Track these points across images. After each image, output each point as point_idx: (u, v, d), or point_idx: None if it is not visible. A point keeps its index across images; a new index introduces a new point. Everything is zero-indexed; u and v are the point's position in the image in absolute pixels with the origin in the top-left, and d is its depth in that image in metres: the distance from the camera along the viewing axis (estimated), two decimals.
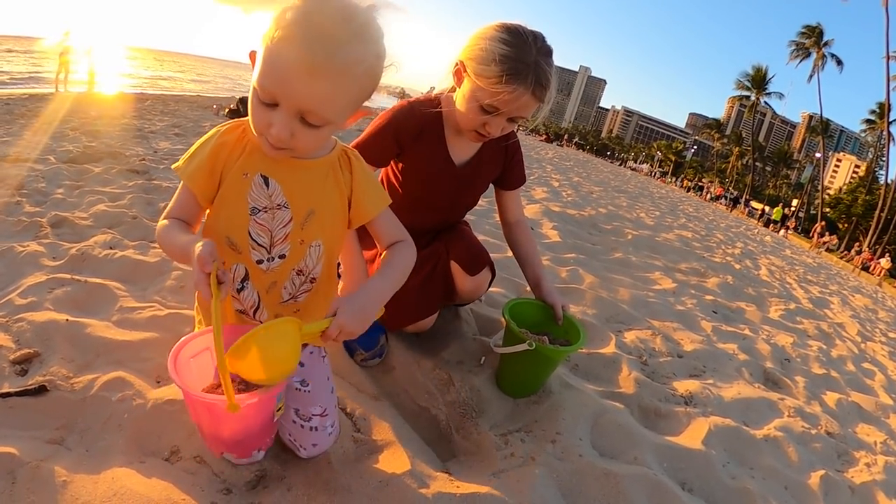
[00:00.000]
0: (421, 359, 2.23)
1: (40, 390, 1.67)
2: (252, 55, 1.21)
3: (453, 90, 2.05)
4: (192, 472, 1.48)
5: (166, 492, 1.38)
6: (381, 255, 1.52)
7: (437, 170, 2.18)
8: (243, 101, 11.59)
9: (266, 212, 1.37)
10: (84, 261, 2.66)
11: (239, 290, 1.43)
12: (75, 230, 3.16)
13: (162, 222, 1.33)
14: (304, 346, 1.55)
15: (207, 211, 1.42)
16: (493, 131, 1.97)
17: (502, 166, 2.34)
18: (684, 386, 2.70)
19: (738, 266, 7.59)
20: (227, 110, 11.53)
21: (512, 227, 2.42)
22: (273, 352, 1.20)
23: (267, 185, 1.36)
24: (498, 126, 1.95)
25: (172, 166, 1.40)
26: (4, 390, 1.66)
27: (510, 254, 2.50)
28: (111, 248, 2.83)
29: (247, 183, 1.35)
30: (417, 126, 2.08)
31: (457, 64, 1.95)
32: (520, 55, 1.82)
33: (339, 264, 1.79)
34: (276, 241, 1.40)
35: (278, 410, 1.46)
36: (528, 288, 2.38)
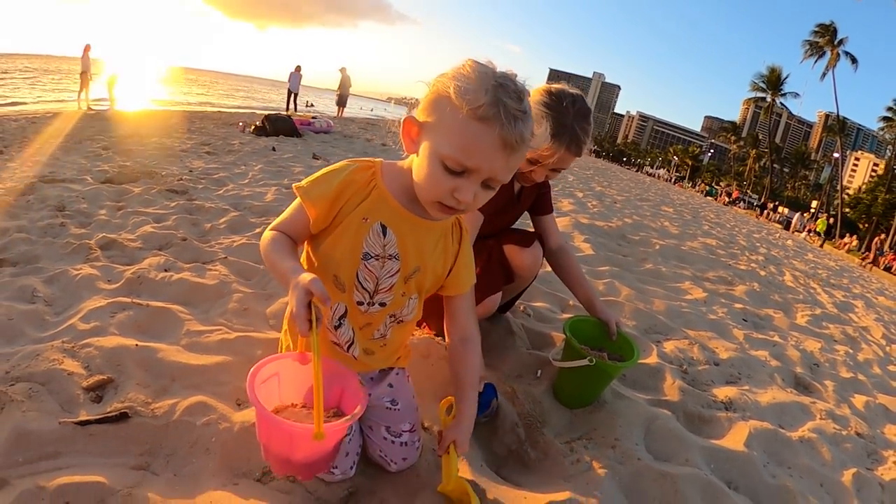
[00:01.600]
0: (485, 373, 2.42)
1: (122, 417, 1.69)
2: (410, 122, 1.31)
3: None
4: (286, 491, 1.56)
5: None
6: (450, 342, 1.70)
7: (502, 207, 2.47)
8: (269, 118, 11.81)
9: (377, 259, 1.44)
10: (141, 283, 2.73)
11: (336, 327, 1.52)
12: (125, 252, 3.25)
13: (269, 233, 1.41)
14: (390, 369, 1.74)
15: (306, 244, 1.51)
16: (537, 179, 2.31)
17: (535, 196, 2.62)
18: (723, 392, 2.85)
19: (762, 273, 7.69)
20: (253, 128, 11.60)
21: (555, 253, 2.64)
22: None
23: (384, 234, 1.43)
24: (541, 175, 2.29)
25: (294, 185, 1.43)
26: (83, 418, 1.67)
27: (548, 268, 2.71)
28: (166, 271, 2.90)
29: (366, 228, 1.41)
30: None
31: None
32: (560, 119, 2.10)
33: None
34: (381, 289, 1.48)
35: (346, 437, 1.58)
36: (573, 302, 2.60)
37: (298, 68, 21.85)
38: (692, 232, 10.08)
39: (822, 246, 28.42)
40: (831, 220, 37.09)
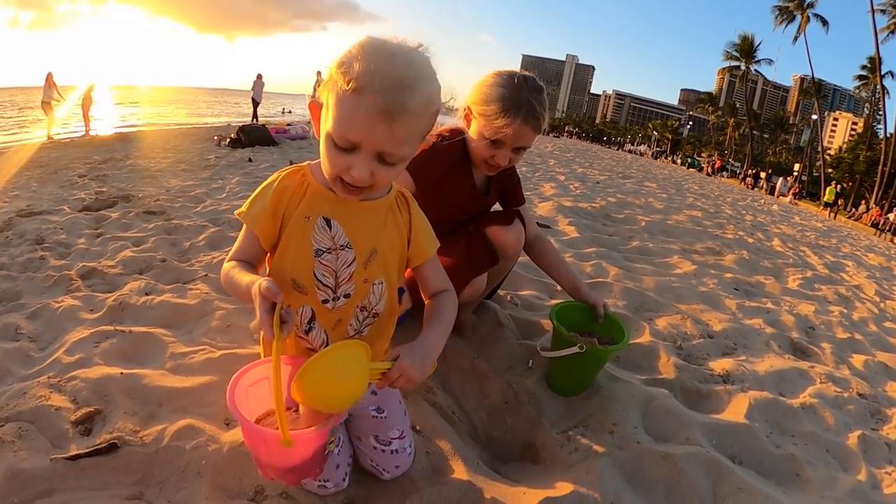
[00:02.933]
0: (477, 367, 2.39)
1: (111, 448, 1.67)
2: (313, 106, 1.31)
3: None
4: None
5: None
6: (426, 302, 1.62)
7: (465, 198, 2.43)
8: (244, 129, 11.78)
9: (330, 252, 1.41)
10: (123, 310, 2.70)
11: (307, 332, 1.48)
12: (106, 280, 3.22)
13: (227, 265, 1.40)
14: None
15: (268, 256, 1.48)
16: (501, 162, 2.23)
17: (503, 187, 2.58)
18: (720, 365, 2.82)
19: (750, 240, 7.67)
20: (228, 140, 11.52)
21: (532, 243, 2.59)
22: (342, 374, 1.23)
23: (329, 227, 1.41)
24: (505, 157, 2.22)
25: (235, 212, 1.45)
26: (73, 452, 1.65)
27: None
28: (147, 294, 2.88)
29: (309, 226, 1.40)
30: (441, 170, 2.30)
31: (465, 109, 2.24)
32: (514, 93, 2.11)
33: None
34: (341, 281, 1.44)
35: (330, 443, 1.50)
36: (560, 288, 2.55)
37: (260, 77, 21.70)
38: (677, 205, 10.05)
39: (834, 217, 27.34)
40: (838, 187, 35.38)
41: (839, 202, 32.71)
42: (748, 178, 42.68)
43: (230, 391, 1.28)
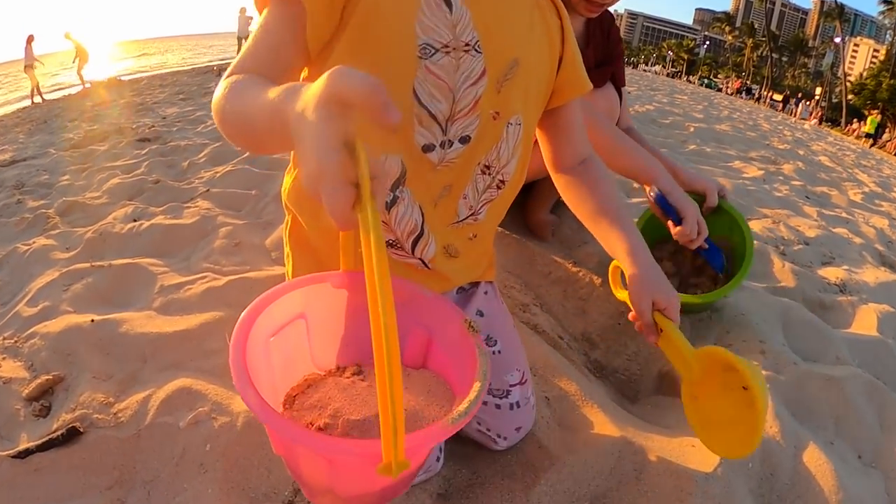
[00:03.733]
0: (573, 277, 1.93)
1: (70, 435, 1.15)
2: None
3: None
4: None
5: None
6: (561, 176, 1.14)
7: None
8: None
9: (447, 54, 0.83)
10: (104, 242, 2.14)
11: (389, 205, 0.90)
12: (88, 212, 2.64)
13: (225, 81, 0.74)
14: (475, 285, 1.15)
15: (307, 69, 0.87)
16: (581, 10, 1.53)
17: (602, 55, 1.90)
18: (830, 274, 2.39)
19: (801, 152, 7.23)
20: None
21: (627, 133, 1.89)
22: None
23: (449, 6, 0.82)
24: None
25: None
26: (23, 447, 1.14)
27: None
28: (135, 221, 2.30)
29: (415, 1, 0.81)
30: None
31: None
32: None
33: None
34: (460, 111, 0.87)
35: None
36: (637, 185, 2.01)
37: (243, 10, 20.37)
38: (716, 115, 9.53)
39: (872, 147, 23.49)
40: (879, 116, 31.17)
41: (884, 134, 28.46)
42: (788, 105, 40.10)
43: (235, 349, 0.66)
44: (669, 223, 1.55)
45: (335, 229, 0.57)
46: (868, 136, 26.70)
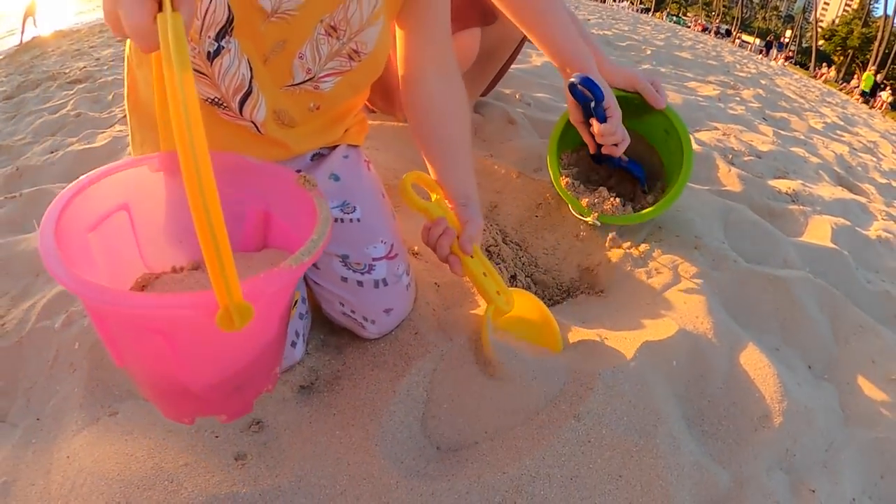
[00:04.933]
0: (492, 169, 1.72)
1: None
2: None
3: None
4: (207, 428, 0.91)
5: (156, 466, 0.82)
6: (416, 87, 1.01)
7: None
8: None
9: None
10: (21, 176, 2.12)
11: (212, 55, 0.79)
12: (12, 153, 2.58)
13: None
14: (332, 149, 1.03)
15: None
16: None
17: None
18: (782, 185, 2.22)
19: (763, 81, 7.07)
20: None
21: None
22: None
23: None
24: None
25: None
26: None
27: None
28: (52, 153, 2.28)
29: None
30: None
31: None
32: None
33: None
34: None
35: (294, 305, 0.93)
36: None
37: None
38: (677, 44, 9.27)
39: (870, 106, 20.93)
40: (878, 75, 27.58)
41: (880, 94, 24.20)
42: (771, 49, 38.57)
43: (44, 236, 0.56)
44: (592, 121, 1.28)
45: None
46: (864, 94, 23.94)
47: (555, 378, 0.94)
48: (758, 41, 42.30)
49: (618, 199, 1.40)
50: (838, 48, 49.10)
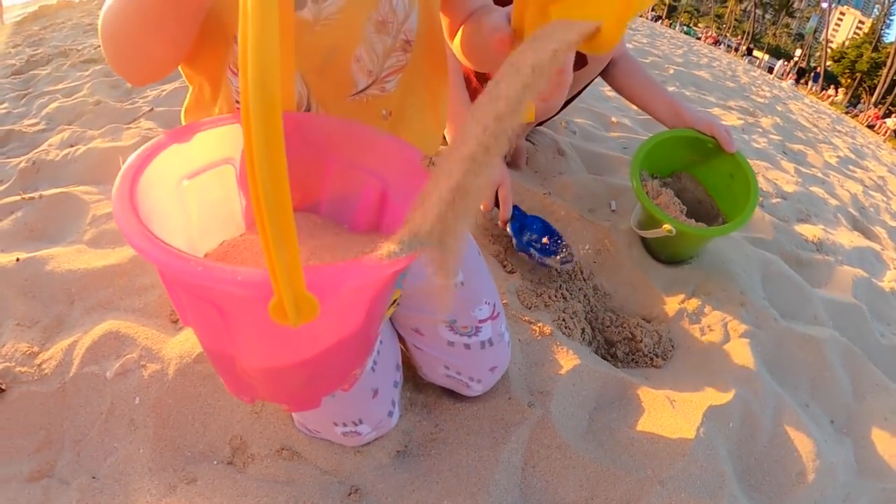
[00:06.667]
0: (549, 206, 1.76)
1: None
2: None
3: None
4: (284, 478, 0.91)
5: None
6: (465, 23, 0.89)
7: None
8: None
9: None
10: (38, 171, 1.93)
11: None
12: (25, 141, 2.41)
13: None
14: None
15: None
16: None
17: None
18: (807, 231, 2.31)
19: (779, 108, 7.15)
20: None
21: (617, 61, 1.82)
22: None
23: None
24: None
25: None
26: None
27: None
28: (72, 146, 2.08)
29: None
30: None
31: None
32: None
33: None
34: None
35: (393, 304, 0.85)
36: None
37: None
38: (695, 61, 9.31)
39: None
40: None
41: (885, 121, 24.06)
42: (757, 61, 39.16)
43: (125, 181, 0.52)
44: None
45: None
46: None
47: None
48: (766, 57, 42.39)
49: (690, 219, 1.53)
50: (846, 70, 49.15)
